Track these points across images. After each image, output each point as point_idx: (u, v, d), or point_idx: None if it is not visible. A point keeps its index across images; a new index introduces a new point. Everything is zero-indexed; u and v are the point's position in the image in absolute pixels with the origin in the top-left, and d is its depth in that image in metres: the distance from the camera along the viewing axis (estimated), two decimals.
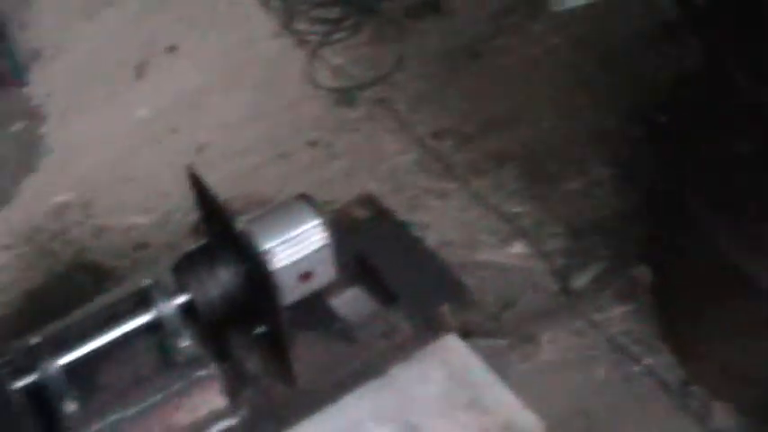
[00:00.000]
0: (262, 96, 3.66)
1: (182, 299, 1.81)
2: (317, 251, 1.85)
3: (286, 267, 1.80)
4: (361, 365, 1.92)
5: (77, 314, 2.11)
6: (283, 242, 1.82)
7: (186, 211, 3.09)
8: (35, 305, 3.00)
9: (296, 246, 1.83)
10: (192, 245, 2.86)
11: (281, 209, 1.90)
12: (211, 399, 1.81)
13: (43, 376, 1.73)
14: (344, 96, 3.60)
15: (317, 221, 1.85)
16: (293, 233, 1.83)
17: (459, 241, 2.99)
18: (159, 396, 1.76)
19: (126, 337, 1.80)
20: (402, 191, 3.15)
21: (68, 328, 1.93)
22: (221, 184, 1.94)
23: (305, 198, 1.90)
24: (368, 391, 1.89)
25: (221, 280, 1.81)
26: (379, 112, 3.52)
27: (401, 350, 1.94)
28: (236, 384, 1.86)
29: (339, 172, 3.27)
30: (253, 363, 1.91)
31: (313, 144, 3.42)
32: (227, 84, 3.74)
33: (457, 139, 3.35)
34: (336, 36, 3.86)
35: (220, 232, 1.88)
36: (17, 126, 3.72)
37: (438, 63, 3.68)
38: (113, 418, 1.73)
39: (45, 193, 3.43)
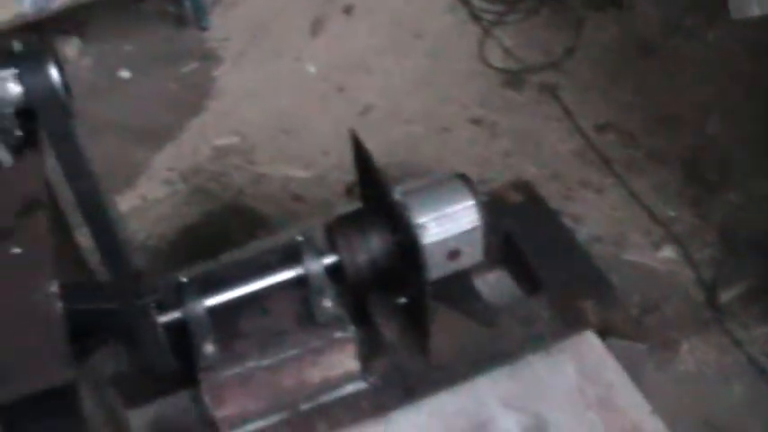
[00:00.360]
0: (430, 67, 3.67)
1: (330, 259, 1.84)
2: (468, 232, 1.87)
3: (436, 243, 1.83)
4: (496, 349, 1.93)
5: (227, 257, 2.18)
6: (436, 218, 1.84)
7: (343, 172, 3.12)
8: (188, 241, 3.08)
9: (448, 223, 1.86)
10: (345, 205, 2.94)
11: (438, 185, 1.93)
12: (346, 360, 1.85)
13: (188, 315, 1.78)
14: (512, 78, 3.58)
15: (471, 202, 1.87)
16: (447, 211, 1.86)
17: (609, 238, 2.96)
18: (296, 351, 1.80)
19: (271, 288, 1.85)
20: (558, 179, 3.13)
21: (217, 271, 1.98)
22: (380, 149, 1.97)
23: (463, 178, 1.92)
24: (500, 375, 1.90)
25: (371, 246, 1.84)
26: (545, 99, 3.50)
27: (538, 340, 1.94)
28: (370, 350, 1.90)
29: (499, 153, 3.27)
30: (389, 331, 1.94)
31: (476, 122, 3.42)
32: (397, 50, 3.76)
33: (619, 135, 3.32)
34: (512, 17, 3.84)
35: (375, 199, 1.91)
36: (191, 66, 3.82)
37: (610, 56, 3.64)
38: (250, 365, 1.78)
39: (209, 134, 3.51)
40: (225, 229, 3.09)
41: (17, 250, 1.43)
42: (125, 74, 3.83)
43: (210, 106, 3.66)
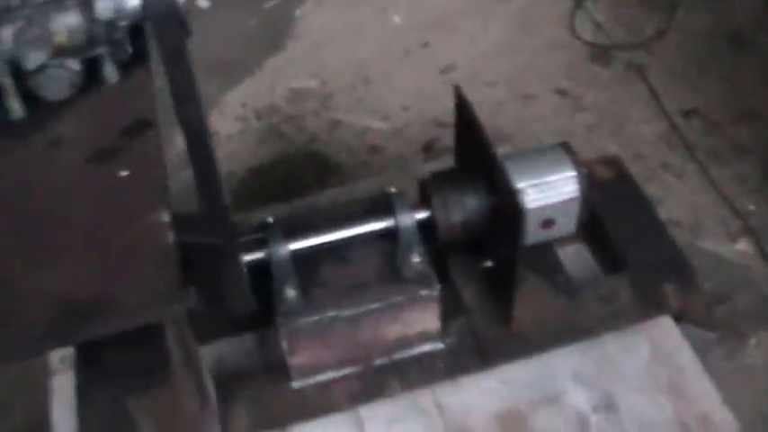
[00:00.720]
0: (518, 33, 3.61)
1: (423, 214, 1.80)
2: (566, 202, 1.83)
3: (533, 210, 1.78)
4: (574, 324, 1.89)
5: (300, 203, 2.14)
6: (536, 185, 1.80)
7: (422, 128, 3.09)
8: (257, 182, 3.05)
9: (547, 192, 1.81)
10: (422, 162, 2.90)
11: (540, 152, 1.89)
12: (427, 319, 1.80)
13: (272, 257, 1.75)
14: (600, 53, 3.51)
15: (572, 173, 1.83)
16: (547, 179, 1.81)
17: (686, 223, 2.90)
18: (378, 305, 1.75)
19: (356, 238, 1.81)
20: (640, 160, 3.06)
21: (303, 214, 1.95)
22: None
23: (566, 147, 1.88)
24: (575, 350, 1.86)
25: (467, 206, 1.79)
26: (633, 77, 3.43)
27: (616, 319, 1.90)
28: (450, 311, 1.85)
29: (582, 126, 3.20)
30: (469, 294, 1.91)
31: (561, 93, 3.36)
32: (484, 12, 3.70)
33: (705, 123, 3.24)
34: None
35: (472, 159, 1.85)
36: (273, 2, 3.77)
37: (701, 42, 3.55)
38: (330, 314, 1.74)
39: (287, 75, 3.47)
40: (296, 172, 3.05)
41: (124, 173, 1.36)
42: (204, 3, 3.78)
43: (290, 46, 3.62)
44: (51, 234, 1.31)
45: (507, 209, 1.70)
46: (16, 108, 1.44)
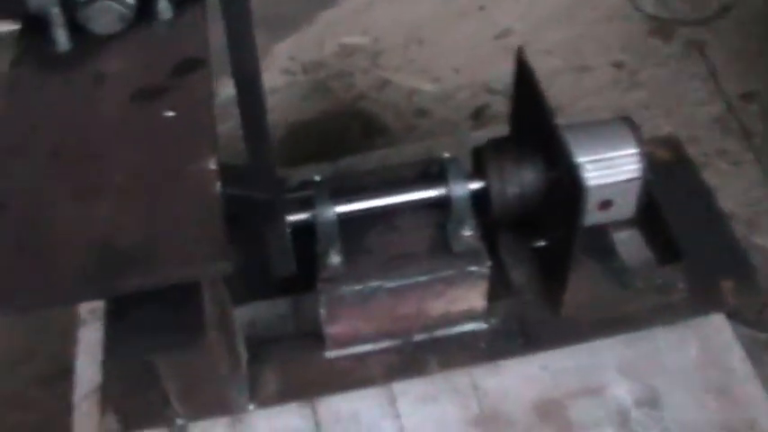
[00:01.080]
0: (576, 1, 3.49)
1: (477, 185, 1.71)
2: (627, 182, 1.73)
3: (591, 189, 1.67)
4: (625, 314, 1.80)
5: (355, 161, 2.08)
6: (596, 161, 1.70)
7: (473, 93, 3.00)
8: (301, 137, 2.97)
9: (608, 169, 1.71)
10: (471, 128, 2.81)
11: (601, 126, 1.78)
12: (474, 297, 1.72)
13: (317, 218, 1.67)
14: (660, 27, 3.39)
15: (635, 150, 1.72)
16: (608, 155, 1.71)
17: (741, 216, 2.79)
18: (424, 278, 1.66)
19: (405, 205, 1.72)
20: (695, 143, 2.95)
21: (349, 175, 1.86)
22: (506, 78, 1.85)
23: (629, 122, 1.78)
24: (622, 341, 1.78)
25: (523, 179, 1.70)
26: (693, 55, 3.32)
27: (669, 312, 1.81)
28: (496, 290, 1.77)
29: (636, 102, 3.10)
30: (518, 274, 1.83)
31: (618, 66, 3.25)
32: None
33: (764, 107, 3.13)
34: None
35: (530, 129, 1.76)
36: None
37: (765, 23, 3.43)
38: (373, 284, 1.65)
39: (338, 30, 3.38)
40: (341, 130, 2.97)
41: (170, 113, 1.28)
42: None
43: (343, 1, 3.52)
44: (91, 173, 1.24)
45: (566, 185, 1.61)
46: (63, 40, 1.38)
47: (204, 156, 1.22)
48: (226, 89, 1.38)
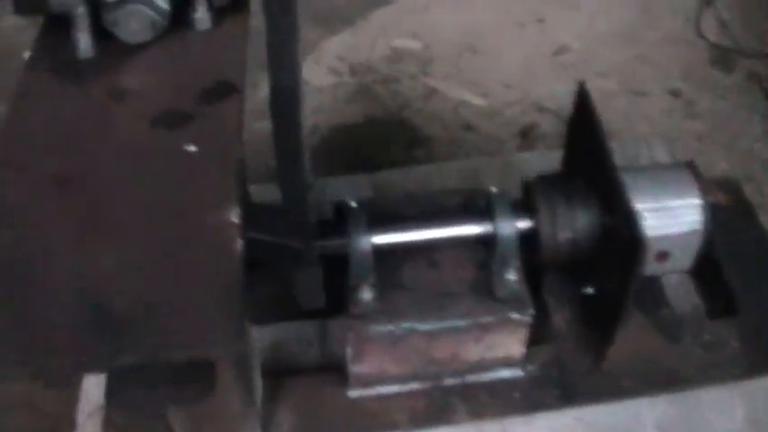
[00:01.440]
0: (639, 20, 3.36)
1: (526, 224, 1.59)
2: (687, 234, 1.60)
3: (649, 240, 1.55)
4: (671, 370, 1.69)
5: (395, 176, 2.00)
6: (657, 209, 1.58)
7: (522, 111, 2.88)
8: (341, 141, 2.86)
9: (668, 219, 1.59)
10: (518, 148, 2.69)
11: (662, 170, 1.68)
12: (512, 344, 1.61)
13: (352, 249, 1.56)
14: (722, 56, 3.25)
15: (698, 201, 1.60)
16: (670, 203, 1.59)
17: None
18: (463, 322, 1.56)
19: (447, 240, 1.61)
20: (751, 183, 2.81)
21: (389, 201, 1.75)
22: (566, 96, 1.74)
23: (692, 168, 1.65)
24: (665, 400, 1.66)
25: (576, 223, 1.58)
26: (754, 89, 3.17)
27: (717, 371, 1.69)
28: (535, 332, 1.64)
29: (691, 134, 2.96)
30: (561, 320, 1.71)
31: (675, 94, 3.11)
32: None
33: None
34: None
35: (586, 167, 1.64)
36: None
37: None
38: (405, 325, 1.54)
39: (390, 32, 3.27)
40: (384, 139, 2.86)
41: (192, 148, 1.12)
42: None
43: (397, 1, 3.41)
44: (95, 210, 1.08)
45: (623, 235, 1.49)
46: (85, 45, 1.24)
47: (226, 205, 1.05)
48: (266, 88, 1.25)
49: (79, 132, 1.16)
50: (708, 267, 1.78)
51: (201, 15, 1.25)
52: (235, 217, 1.03)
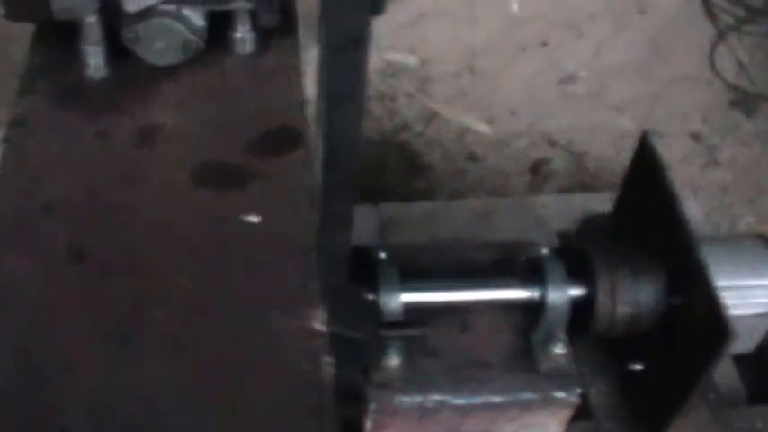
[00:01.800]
0: (652, 54, 3.15)
1: (579, 292, 1.38)
2: (758, 316, 1.41)
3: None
4: None
5: (398, 211, 1.95)
6: (731, 288, 1.37)
7: (531, 143, 2.68)
8: None
9: (740, 299, 1.39)
10: (526, 184, 2.48)
11: (737, 243, 1.49)
12: (551, 424, 1.42)
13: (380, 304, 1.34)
14: (743, 99, 3.05)
15: None
16: (744, 283, 1.39)
17: None
18: (499, 398, 1.37)
19: (485, 303, 1.39)
20: None
21: (417, 251, 1.53)
22: (574, 131, 1.56)
23: (766, 241, 1.45)
24: None
25: (640, 299, 1.37)
26: None
27: None
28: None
29: (714, 184, 2.77)
30: (603, 397, 1.53)
31: (695, 137, 2.91)
32: (620, 19, 3.23)
33: None
34: (752, 27, 3.28)
35: (650, 228, 1.45)
36: None
37: None
38: (435, 398, 1.35)
39: (382, 44, 3.02)
40: (379, 165, 2.63)
41: (254, 219, 0.82)
42: None
43: (391, 11, 3.16)
44: (124, 302, 0.76)
45: (701, 317, 1.29)
46: (96, 64, 0.97)
47: (306, 303, 0.74)
48: None
49: (97, 185, 0.87)
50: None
51: (243, 36, 1.01)
52: (319, 323, 0.73)
